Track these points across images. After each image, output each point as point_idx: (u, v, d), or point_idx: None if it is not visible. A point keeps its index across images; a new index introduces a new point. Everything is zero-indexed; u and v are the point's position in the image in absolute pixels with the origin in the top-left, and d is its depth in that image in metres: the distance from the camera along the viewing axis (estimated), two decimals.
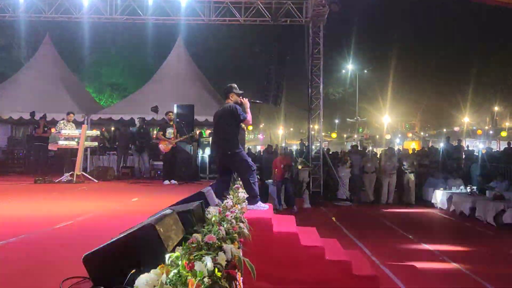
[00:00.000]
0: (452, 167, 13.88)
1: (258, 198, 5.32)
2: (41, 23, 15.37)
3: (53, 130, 10.99)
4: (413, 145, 27.85)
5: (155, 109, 11.35)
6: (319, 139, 14.44)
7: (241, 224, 3.28)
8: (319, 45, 13.73)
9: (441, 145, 19.99)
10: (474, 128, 33.99)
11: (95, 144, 10.74)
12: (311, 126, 14.13)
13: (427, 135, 38.53)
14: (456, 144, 16.22)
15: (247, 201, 5.14)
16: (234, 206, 3.95)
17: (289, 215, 6.67)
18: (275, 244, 4.78)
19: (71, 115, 10.08)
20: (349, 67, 30.81)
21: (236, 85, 5.50)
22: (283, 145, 25.32)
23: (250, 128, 23.39)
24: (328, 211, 11.73)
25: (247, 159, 5.38)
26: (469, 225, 9.78)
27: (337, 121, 38.83)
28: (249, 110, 5.44)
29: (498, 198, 9.71)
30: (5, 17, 14.22)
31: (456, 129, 33.71)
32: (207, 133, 14.95)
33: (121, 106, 14.67)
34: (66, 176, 9.22)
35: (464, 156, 15.23)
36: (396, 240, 8.19)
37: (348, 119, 34.63)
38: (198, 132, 13.32)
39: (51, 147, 10.08)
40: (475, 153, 16.29)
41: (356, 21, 26.09)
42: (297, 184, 12.37)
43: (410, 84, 30.91)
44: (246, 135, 16.37)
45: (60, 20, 14.60)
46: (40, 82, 13.86)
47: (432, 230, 9.25)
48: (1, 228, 4.07)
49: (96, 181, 9.60)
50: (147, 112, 11.99)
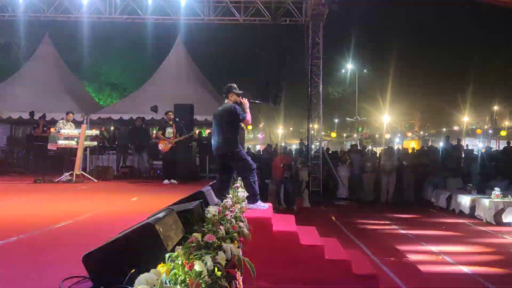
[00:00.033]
0: (452, 166, 13.88)
1: (258, 197, 5.33)
2: (41, 22, 15.35)
3: (52, 129, 10.98)
4: (412, 145, 27.89)
5: (154, 109, 11.36)
6: (319, 139, 14.45)
7: (240, 224, 3.28)
8: (318, 44, 13.73)
9: (441, 144, 19.99)
10: (474, 127, 34.03)
11: (95, 143, 10.74)
12: (310, 125, 14.14)
13: (426, 134, 38.58)
14: (456, 143, 16.21)
15: (247, 200, 5.15)
16: (234, 206, 3.95)
17: (289, 214, 6.68)
18: (275, 243, 4.79)
19: (70, 114, 10.07)
20: (349, 66, 30.82)
21: (235, 85, 5.51)
22: (282, 144, 25.31)
23: (250, 127, 23.36)
24: (327, 210, 11.73)
25: (247, 158, 5.39)
26: (468, 224, 9.79)
27: (336, 120, 38.87)
28: (248, 110, 5.45)
29: (497, 197, 9.73)
30: (5, 16, 14.20)
31: (456, 128, 33.74)
32: (207, 132, 14.95)
33: (121, 106, 14.67)
34: (65, 176, 9.21)
35: (463, 155, 15.22)
36: (395, 239, 8.20)
37: (348, 119, 34.67)
38: (197, 131, 13.33)
39: (50, 146, 10.07)
40: (474, 152, 16.26)
41: (355, 20, 26.11)
42: (296, 184, 12.37)
43: (410, 84, 30.96)
44: (245, 134, 16.37)
45: (59, 20, 14.58)
46: (39, 81, 13.85)
47: (431, 229, 9.25)
48: (0, 228, 4.07)
49: (96, 180, 9.60)
50: (146, 111, 11.99)
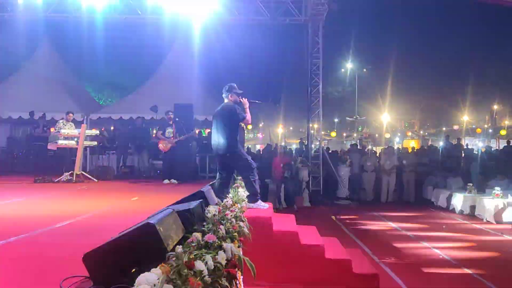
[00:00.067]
0: (452, 165, 13.87)
1: (258, 197, 5.33)
2: (40, 22, 15.33)
3: (52, 129, 10.98)
4: (412, 144, 27.91)
5: (154, 109, 11.36)
6: (319, 138, 14.44)
7: (241, 223, 3.28)
8: (318, 44, 13.71)
9: (441, 143, 20.03)
10: (474, 126, 34.02)
11: (95, 143, 10.73)
12: (310, 125, 14.13)
13: (426, 133, 38.59)
14: (456, 142, 16.22)
15: (247, 199, 5.15)
16: (234, 205, 3.95)
17: (289, 214, 6.68)
18: (275, 243, 4.79)
19: (70, 114, 10.07)
20: (349, 66, 30.80)
21: (235, 85, 5.50)
22: (282, 144, 25.32)
23: (250, 127, 23.38)
24: (328, 209, 11.72)
25: (247, 157, 5.39)
26: (468, 223, 9.79)
27: (336, 120, 38.86)
28: (248, 110, 5.45)
29: (497, 196, 9.73)
30: (4, 16, 14.19)
31: (456, 127, 33.74)
32: (207, 132, 14.94)
33: (121, 106, 14.67)
34: (65, 176, 9.21)
35: (463, 154, 15.22)
36: (396, 238, 8.20)
37: (348, 118, 34.64)
38: (197, 131, 13.32)
39: (50, 146, 10.05)
40: (474, 152, 16.27)
41: (355, 20, 26.11)
42: (296, 183, 12.37)
43: (410, 83, 30.96)
44: (245, 134, 16.37)
45: (59, 19, 14.57)
46: (39, 81, 13.85)
47: (432, 229, 9.25)
48: (1, 228, 4.07)
49: (96, 180, 9.60)
50: (146, 111, 11.99)
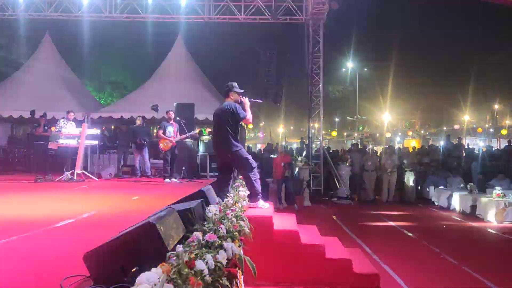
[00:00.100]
0: (452, 165, 13.88)
1: (259, 196, 5.33)
2: (41, 21, 15.35)
3: (53, 128, 10.98)
4: (413, 143, 27.86)
5: (155, 108, 11.34)
6: (320, 137, 14.43)
7: (241, 223, 3.27)
8: (319, 43, 13.71)
9: (441, 143, 20.02)
10: (475, 126, 33.97)
11: (96, 142, 10.74)
12: (311, 124, 14.12)
13: (427, 133, 38.53)
14: (457, 142, 16.21)
15: (247, 199, 5.14)
16: (235, 205, 3.94)
17: (290, 213, 6.68)
18: (276, 242, 4.79)
19: (71, 113, 10.07)
20: (349, 65, 30.78)
21: (236, 84, 5.50)
22: (283, 143, 25.32)
23: (251, 126, 23.37)
24: (328, 209, 11.73)
25: (248, 156, 5.38)
26: (469, 223, 9.78)
27: (337, 119, 38.84)
28: (249, 109, 5.44)
29: (498, 196, 9.71)
30: (5, 15, 14.21)
31: (457, 127, 33.67)
32: (207, 131, 14.94)
33: (121, 105, 14.68)
34: (66, 175, 9.21)
35: (464, 154, 15.21)
36: (396, 238, 8.20)
37: (348, 117, 34.59)
38: (198, 130, 13.31)
39: (51, 145, 10.05)
40: (475, 151, 16.25)
41: (356, 19, 26.07)
42: (297, 183, 12.37)
43: (411, 82, 30.92)
44: (246, 133, 16.35)
45: (60, 19, 14.58)
46: (40, 80, 13.87)
47: (432, 228, 9.25)
48: (1, 227, 4.07)
49: (97, 179, 9.60)
50: (147, 110, 11.97)
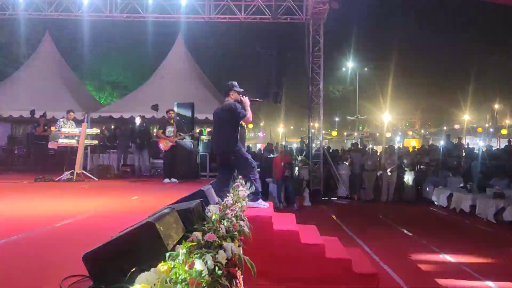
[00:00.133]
0: (452, 164, 13.87)
1: (259, 196, 5.33)
2: (41, 21, 15.35)
3: (53, 128, 10.99)
4: (413, 143, 27.86)
5: (155, 107, 11.34)
6: (320, 137, 14.43)
7: (241, 222, 3.27)
8: (319, 43, 13.69)
9: (441, 142, 20.02)
10: (475, 125, 34.00)
11: (95, 142, 10.74)
12: (311, 124, 14.11)
13: (427, 133, 38.54)
14: (456, 141, 16.21)
15: (247, 198, 5.14)
16: (235, 204, 3.94)
17: (289, 213, 6.68)
18: (276, 242, 4.79)
19: (71, 113, 10.07)
20: (350, 65, 30.78)
21: (236, 83, 5.50)
22: (283, 143, 25.31)
23: (251, 126, 23.37)
24: (328, 209, 11.73)
25: (247, 156, 5.38)
26: (469, 222, 9.78)
27: (337, 119, 38.85)
28: (249, 108, 5.44)
29: (498, 195, 9.71)
30: (5, 15, 14.20)
31: (457, 127, 33.69)
32: (207, 131, 14.94)
33: (121, 104, 14.68)
34: (66, 175, 9.21)
35: (464, 154, 15.21)
36: (396, 237, 8.20)
37: (348, 117, 34.60)
38: (198, 130, 13.32)
39: (51, 145, 10.07)
40: (475, 151, 16.24)
41: (356, 19, 26.05)
42: (297, 182, 12.36)
43: (411, 82, 30.90)
44: (246, 133, 16.34)
45: (60, 18, 14.58)
46: (40, 80, 13.86)
47: (432, 228, 9.24)
48: (1, 227, 4.07)
49: (96, 179, 9.60)
50: (147, 110, 11.97)
